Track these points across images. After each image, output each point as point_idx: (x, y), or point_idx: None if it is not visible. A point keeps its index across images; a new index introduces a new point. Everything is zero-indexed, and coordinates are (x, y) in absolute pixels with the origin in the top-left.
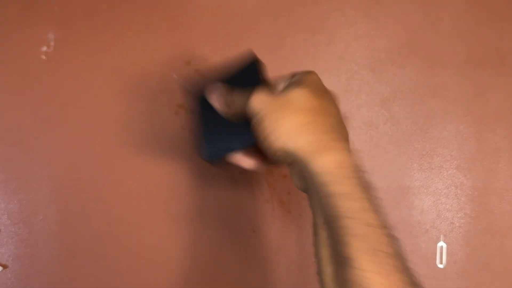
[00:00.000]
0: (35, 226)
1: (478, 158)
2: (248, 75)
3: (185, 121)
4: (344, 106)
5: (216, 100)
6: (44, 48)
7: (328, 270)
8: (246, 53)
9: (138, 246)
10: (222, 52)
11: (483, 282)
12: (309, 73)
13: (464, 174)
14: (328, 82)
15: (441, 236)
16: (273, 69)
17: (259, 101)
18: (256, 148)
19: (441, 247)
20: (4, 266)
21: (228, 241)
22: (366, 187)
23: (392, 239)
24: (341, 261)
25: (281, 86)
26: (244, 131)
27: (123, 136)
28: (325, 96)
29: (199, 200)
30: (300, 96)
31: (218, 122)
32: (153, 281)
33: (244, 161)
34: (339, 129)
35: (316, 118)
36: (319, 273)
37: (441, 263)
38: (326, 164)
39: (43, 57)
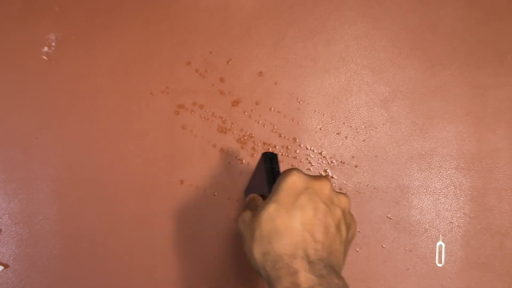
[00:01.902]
0: (36, 226)
1: (477, 158)
2: (261, 173)
3: (185, 120)
4: (344, 106)
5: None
6: (45, 49)
7: None
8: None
9: (138, 246)
10: (222, 52)
11: (482, 282)
12: (285, 177)
13: (463, 174)
14: (328, 82)
15: (440, 235)
16: (273, 69)
17: (241, 222)
18: None
19: (440, 246)
20: (5, 266)
21: (229, 240)
22: None
23: None
24: None
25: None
26: None
27: (123, 136)
28: (296, 202)
29: (200, 199)
30: (264, 221)
31: None
32: (153, 280)
33: None
34: (304, 243)
35: (275, 244)
36: None
37: (440, 262)
38: None
39: (44, 57)
